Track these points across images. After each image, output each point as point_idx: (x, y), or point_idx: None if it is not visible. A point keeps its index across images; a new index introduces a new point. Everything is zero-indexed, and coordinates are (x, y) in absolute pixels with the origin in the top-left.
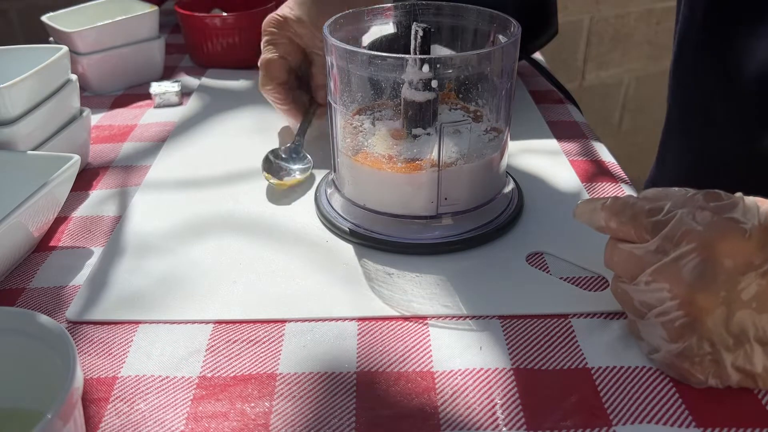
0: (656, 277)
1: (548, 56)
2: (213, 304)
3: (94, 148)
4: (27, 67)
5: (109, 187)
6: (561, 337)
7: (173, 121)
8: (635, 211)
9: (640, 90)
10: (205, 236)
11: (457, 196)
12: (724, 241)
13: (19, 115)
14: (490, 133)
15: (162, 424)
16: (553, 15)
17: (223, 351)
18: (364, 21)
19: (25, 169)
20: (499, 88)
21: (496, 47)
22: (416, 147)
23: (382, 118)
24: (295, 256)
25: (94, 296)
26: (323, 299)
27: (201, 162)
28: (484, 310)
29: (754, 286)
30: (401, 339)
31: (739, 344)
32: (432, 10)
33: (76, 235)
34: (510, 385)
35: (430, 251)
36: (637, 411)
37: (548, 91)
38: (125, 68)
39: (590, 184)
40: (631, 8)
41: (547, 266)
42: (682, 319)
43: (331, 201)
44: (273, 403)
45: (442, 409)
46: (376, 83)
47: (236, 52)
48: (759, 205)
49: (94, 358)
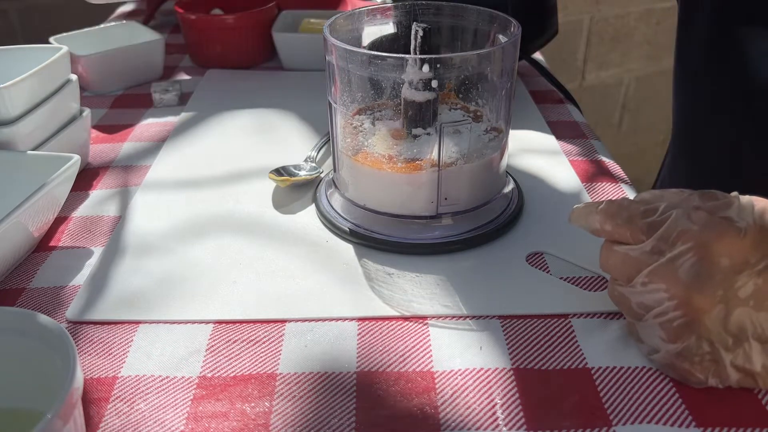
0: (653, 278)
1: (548, 56)
2: (213, 304)
3: (94, 148)
4: (27, 67)
5: (109, 187)
6: (561, 337)
7: (173, 121)
8: (630, 213)
9: (640, 90)
10: (205, 236)
11: (457, 196)
12: (719, 241)
13: (19, 115)
14: (490, 133)
15: (162, 424)
16: (553, 15)
17: (223, 351)
18: (364, 21)
19: (25, 169)
20: (499, 88)
21: (496, 47)
22: (416, 147)
23: (382, 118)
24: (295, 256)
25: (94, 296)
26: (323, 299)
27: (201, 162)
28: (484, 310)
29: (751, 284)
30: (401, 339)
31: (738, 343)
32: (432, 10)
33: (76, 235)
34: (510, 385)
35: (430, 251)
36: (637, 411)
37: (548, 91)
38: (125, 68)
39: (590, 184)
40: (631, 8)
41: (547, 266)
42: (680, 319)
43: (331, 201)
44: (273, 403)
45: (442, 409)
46: (376, 83)
47: (236, 52)
48: (754, 204)
49: (94, 358)
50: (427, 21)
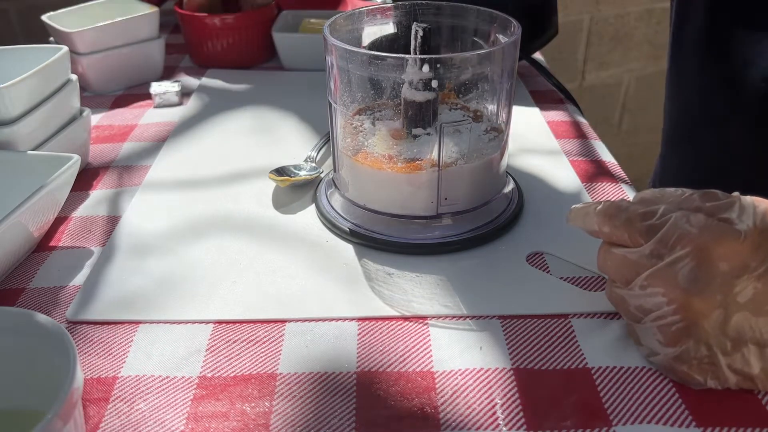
0: (651, 281)
1: (548, 56)
2: (213, 304)
3: (94, 148)
4: (27, 67)
5: (109, 187)
6: (561, 337)
7: (173, 121)
8: (629, 215)
9: (640, 90)
10: (205, 236)
11: (457, 196)
12: (718, 245)
13: (19, 115)
14: (490, 133)
15: (162, 424)
16: (553, 15)
17: (223, 351)
18: (364, 21)
19: (25, 169)
20: (499, 88)
21: (496, 47)
22: (416, 147)
23: (382, 118)
24: (295, 256)
25: (94, 296)
26: (323, 299)
27: (201, 162)
28: (484, 310)
29: (750, 288)
30: (401, 339)
31: (737, 347)
32: (432, 10)
33: (76, 235)
34: (510, 385)
35: (430, 251)
36: (637, 411)
37: (548, 91)
38: (125, 68)
39: (590, 184)
40: (631, 8)
41: (547, 266)
42: (678, 323)
43: (331, 201)
44: (273, 403)
45: (442, 409)
46: (376, 83)
47: (236, 52)
48: (756, 205)
49: (94, 358)
50: (427, 21)
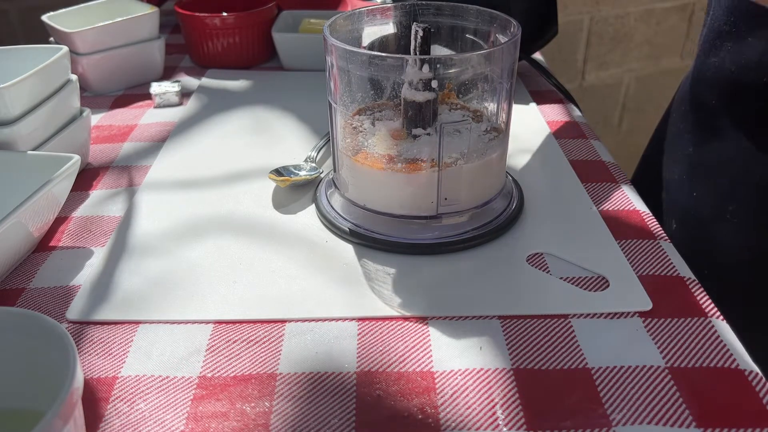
0: None
1: (548, 56)
2: (213, 304)
3: (94, 148)
4: (27, 67)
5: (109, 187)
6: (561, 337)
7: (173, 121)
8: None
9: (640, 90)
10: (206, 236)
11: (457, 196)
12: None
13: (19, 115)
14: (490, 133)
15: (162, 424)
16: (553, 15)
17: (223, 351)
18: (364, 21)
19: (25, 169)
20: (499, 88)
21: (496, 47)
22: (416, 147)
23: (382, 118)
24: (295, 256)
25: (95, 296)
26: (323, 299)
27: (201, 162)
28: (484, 310)
29: None
30: (401, 339)
31: None
32: (432, 10)
33: (76, 235)
34: (510, 385)
35: (430, 251)
36: (637, 411)
37: (548, 91)
38: (125, 68)
39: (590, 184)
40: (631, 8)
41: (547, 266)
42: None
43: (331, 201)
44: (273, 403)
45: (442, 409)
46: (376, 83)
47: (236, 52)
48: None
49: (94, 358)
50: (427, 21)
